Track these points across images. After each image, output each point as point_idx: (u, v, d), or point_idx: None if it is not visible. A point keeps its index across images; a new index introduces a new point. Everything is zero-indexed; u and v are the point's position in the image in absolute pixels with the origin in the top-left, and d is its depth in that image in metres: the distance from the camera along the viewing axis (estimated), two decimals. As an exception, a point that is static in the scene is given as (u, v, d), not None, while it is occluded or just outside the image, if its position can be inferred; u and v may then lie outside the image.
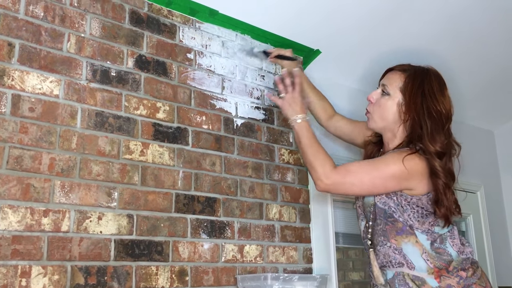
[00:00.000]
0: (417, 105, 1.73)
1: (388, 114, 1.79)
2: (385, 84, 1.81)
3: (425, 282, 1.68)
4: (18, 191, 1.45)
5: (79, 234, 1.53)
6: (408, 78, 1.78)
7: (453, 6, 2.17)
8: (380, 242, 1.75)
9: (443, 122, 1.74)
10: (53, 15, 1.63)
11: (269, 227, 2.00)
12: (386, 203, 1.73)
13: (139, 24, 1.82)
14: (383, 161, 1.72)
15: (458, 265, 1.70)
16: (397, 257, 1.71)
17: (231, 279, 1.83)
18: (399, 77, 1.80)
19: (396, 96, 1.78)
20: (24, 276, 1.40)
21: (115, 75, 1.72)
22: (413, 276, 1.69)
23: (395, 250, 1.72)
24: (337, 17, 2.14)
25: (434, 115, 1.72)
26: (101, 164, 1.62)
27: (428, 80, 1.78)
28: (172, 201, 1.75)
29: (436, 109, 1.73)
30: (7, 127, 1.47)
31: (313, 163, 1.74)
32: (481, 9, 2.20)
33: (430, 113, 1.72)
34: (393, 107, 1.78)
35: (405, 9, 2.15)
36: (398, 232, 1.72)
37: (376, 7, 2.11)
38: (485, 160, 3.23)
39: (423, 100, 1.74)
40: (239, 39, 2.12)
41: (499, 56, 2.56)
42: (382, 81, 1.85)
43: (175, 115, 1.84)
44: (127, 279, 1.59)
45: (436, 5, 2.15)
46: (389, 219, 1.73)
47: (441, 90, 1.78)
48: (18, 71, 1.52)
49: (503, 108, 3.11)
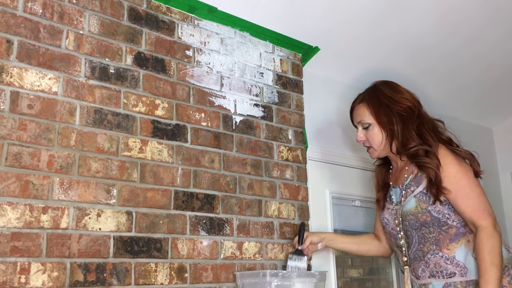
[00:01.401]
0: (388, 116, 1.87)
1: (381, 139, 1.90)
2: (360, 120, 1.95)
3: (477, 284, 1.66)
4: (17, 188, 1.45)
5: (78, 231, 1.53)
6: (368, 103, 1.93)
7: (450, 4, 2.17)
8: (432, 250, 1.77)
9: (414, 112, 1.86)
10: (51, 12, 1.62)
11: (268, 224, 2.00)
12: (440, 211, 1.77)
13: (138, 21, 1.82)
14: (467, 179, 1.77)
15: (508, 264, 1.71)
16: (449, 268, 1.73)
17: (230, 276, 1.83)
18: (363, 107, 1.94)
19: (374, 121, 1.91)
20: (23, 272, 1.40)
21: (114, 72, 1.72)
22: (466, 282, 1.70)
23: (447, 260, 1.74)
24: (336, 14, 2.14)
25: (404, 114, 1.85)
26: (100, 161, 1.62)
27: (379, 91, 1.93)
28: (171, 198, 1.75)
29: (402, 108, 1.87)
30: (6, 124, 1.47)
31: (498, 254, 1.66)
32: (478, 5, 2.20)
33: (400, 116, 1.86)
34: (380, 131, 1.90)
35: (403, 6, 2.15)
36: (452, 239, 1.75)
37: (374, 3, 2.11)
38: (483, 157, 3.20)
39: (388, 109, 1.88)
40: (238, 36, 2.12)
41: (497, 54, 2.56)
42: (355, 121, 1.99)
43: (174, 112, 1.84)
44: (126, 276, 1.59)
45: (433, 3, 2.15)
46: (443, 227, 1.77)
47: (395, 90, 1.92)
48: (17, 68, 1.52)
49: (502, 105, 3.11)
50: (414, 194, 1.80)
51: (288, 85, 2.25)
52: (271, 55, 2.22)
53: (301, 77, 2.32)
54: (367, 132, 1.93)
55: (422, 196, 1.78)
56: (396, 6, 2.15)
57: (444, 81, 2.71)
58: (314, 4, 2.06)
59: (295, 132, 2.22)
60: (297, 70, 2.31)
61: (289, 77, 2.26)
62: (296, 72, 2.30)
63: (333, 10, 2.11)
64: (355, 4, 2.10)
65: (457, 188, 1.73)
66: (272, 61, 2.22)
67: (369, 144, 1.94)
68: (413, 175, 1.83)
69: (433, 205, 1.76)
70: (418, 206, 1.79)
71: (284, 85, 2.23)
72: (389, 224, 1.92)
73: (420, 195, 1.79)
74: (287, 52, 2.28)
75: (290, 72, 2.28)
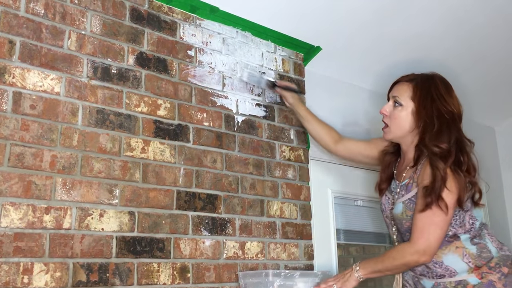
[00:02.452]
0: (428, 110, 1.79)
1: (405, 123, 1.84)
2: (396, 96, 1.87)
3: (467, 283, 1.69)
4: (19, 189, 1.45)
5: (81, 231, 1.53)
6: (416, 86, 1.84)
7: (453, 4, 2.16)
8: None
9: (455, 121, 1.79)
10: (53, 13, 1.63)
11: (270, 224, 2.00)
12: None
13: (140, 21, 1.82)
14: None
15: (500, 261, 1.72)
16: (437, 270, 1.74)
17: (232, 276, 1.83)
18: (408, 87, 1.85)
19: (409, 105, 1.84)
20: (26, 273, 1.41)
21: (116, 72, 1.72)
22: (455, 282, 1.72)
23: (435, 264, 1.74)
24: (338, 13, 2.14)
25: (445, 116, 1.78)
26: (102, 161, 1.62)
27: (435, 84, 1.84)
28: (173, 198, 1.75)
29: (447, 110, 1.79)
30: (9, 125, 1.47)
31: (401, 268, 1.78)
32: (482, 5, 2.19)
33: (440, 114, 1.78)
34: (408, 117, 1.83)
35: (405, 6, 2.15)
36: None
37: (378, 4, 2.11)
38: (486, 157, 3.21)
39: (433, 104, 1.80)
40: (239, 36, 2.12)
41: (500, 53, 2.56)
42: (391, 93, 1.90)
43: (176, 112, 1.84)
44: (129, 276, 1.59)
45: (436, 4, 2.15)
46: None
47: (448, 92, 1.84)
48: (19, 69, 1.52)
49: (504, 104, 3.10)
50: (403, 200, 1.80)
51: (290, 84, 2.25)
52: (273, 54, 2.22)
53: (303, 77, 2.32)
54: (394, 110, 1.86)
55: (410, 204, 1.77)
56: (398, 6, 2.15)
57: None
58: (316, 4, 2.06)
59: (297, 131, 2.21)
60: (299, 69, 2.31)
61: (291, 77, 2.26)
62: (298, 72, 2.30)
63: (335, 9, 2.11)
64: (356, 3, 2.10)
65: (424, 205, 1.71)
66: (274, 61, 2.22)
67: (388, 123, 1.88)
68: (408, 181, 1.81)
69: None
70: (404, 213, 1.78)
71: (286, 84, 2.23)
72: (385, 212, 1.92)
73: (408, 202, 1.78)
74: (289, 51, 2.28)
75: (292, 71, 2.28)
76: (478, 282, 1.69)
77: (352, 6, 2.11)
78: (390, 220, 1.89)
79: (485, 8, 2.22)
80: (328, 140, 2.10)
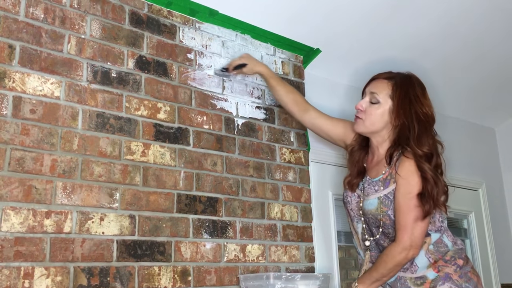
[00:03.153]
0: (406, 110, 1.81)
1: (380, 121, 1.84)
2: (375, 92, 1.86)
3: (426, 278, 1.75)
4: (20, 193, 1.45)
5: (82, 235, 1.53)
6: (395, 85, 1.85)
7: (451, 4, 2.17)
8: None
9: (430, 124, 1.82)
10: (53, 17, 1.63)
11: (271, 227, 2.00)
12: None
13: (139, 25, 1.82)
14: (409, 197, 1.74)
15: (455, 254, 1.78)
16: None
17: (233, 279, 1.83)
18: (387, 85, 1.85)
19: (387, 103, 1.84)
20: (27, 277, 1.41)
21: (116, 76, 1.73)
22: (415, 278, 1.76)
23: None
24: (337, 15, 2.14)
25: (422, 118, 1.80)
26: (102, 165, 1.62)
27: (413, 86, 1.85)
28: (174, 201, 1.75)
29: (423, 112, 1.81)
30: (9, 129, 1.47)
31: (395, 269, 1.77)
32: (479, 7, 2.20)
33: (418, 117, 1.80)
34: (384, 114, 1.84)
35: (404, 8, 2.15)
36: None
37: (376, 5, 2.11)
38: (486, 157, 3.23)
39: (411, 105, 1.81)
40: (239, 39, 2.12)
41: (499, 54, 2.56)
42: (369, 89, 1.89)
43: (176, 116, 1.84)
44: (130, 280, 1.59)
45: (434, 4, 2.15)
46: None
47: (424, 94, 1.86)
48: (19, 73, 1.53)
49: (504, 105, 3.10)
50: (378, 195, 1.80)
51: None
52: (272, 57, 2.22)
53: (303, 79, 2.32)
54: (370, 106, 1.86)
55: (385, 200, 1.77)
56: (397, 8, 2.15)
57: (447, 82, 2.71)
58: (315, 7, 2.07)
59: (297, 134, 2.21)
60: (299, 72, 2.31)
61: (290, 79, 2.26)
62: (297, 74, 2.30)
63: (334, 12, 2.11)
64: (356, 6, 2.10)
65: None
66: (273, 63, 2.22)
67: (363, 117, 1.87)
68: (384, 176, 1.80)
69: (393, 209, 1.76)
70: (379, 208, 1.79)
71: (285, 87, 2.23)
72: (350, 204, 1.91)
73: (384, 198, 1.78)
74: (288, 54, 2.28)
75: (291, 74, 2.28)
76: (435, 276, 1.73)
77: (351, 8, 2.11)
78: (356, 214, 1.89)
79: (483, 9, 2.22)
80: (295, 109, 2.05)
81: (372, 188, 1.83)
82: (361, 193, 1.87)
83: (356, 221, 1.90)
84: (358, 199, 1.88)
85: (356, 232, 1.91)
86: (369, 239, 1.85)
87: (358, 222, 1.89)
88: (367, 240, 1.86)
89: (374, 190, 1.82)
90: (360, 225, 1.88)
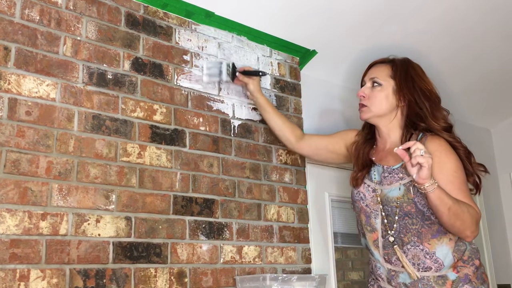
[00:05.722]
0: (410, 88, 1.80)
1: (386, 103, 1.83)
2: (374, 77, 1.86)
3: (447, 278, 1.70)
4: (15, 195, 1.45)
5: (77, 237, 1.53)
6: (394, 66, 1.86)
7: (448, 5, 2.17)
8: (413, 242, 1.74)
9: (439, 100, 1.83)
10: (49, 19, 1.63)
11: (267, 228, 2.00)
12: (425, 204, 1.70)
13: (135, 26, 1.82)
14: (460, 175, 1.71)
15: (472, 255, 1.73)
16: (427, 262, 1.72)
17: (230, 280, 1.83)
18: (386, 67, 1.87)
19: (389, 84, 1.84)
20: (22, 279, 1.40)
21: (112, 78, 1.73)
22: (437, 277, 1.70)
23: (427, 254, 1.72)
24: (333, 17, 2.14)
25: (428, 95, 1.80)
26: (98, 167, 1.62)
27: (412, 66, 1.87)
28: (170, 203, 1.75)
29: (428, 88, 1.81)
30: (4, 131, 1.47)
31: (468, 220, 1.63)
32: (476, 7, 2.20)
33: (424, 93, 1.80)
34: (389, 96, 1.83)
35: (401, 9, 2.16)
36: (433, 235, 1.73)
37: (373, 5, 2.12)
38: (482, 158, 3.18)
39: (414, 83, 1.81)
40: (235, 41, 2.12)
41: (495, 54, 2.57)
42: (368, 75, 1.90)
43: (172, 117, 1.84)
44: (126, 282, 1.59)
45: (431, 5, 2.16)
46: (426, 221, 1.72)
47: (424, 73, 1.87)
48: (15, 75, 1.52)
49: (500, 106, 3.11)
50: (404, 182, 1.74)
51: (286, 88, 2.26)
52: (268, 59, 2.22)
53: (299, 81, 2.32)
54: (372, 91, 1.84)
55: (411, 187, 1.72)
56: (394, 10, 2.16)
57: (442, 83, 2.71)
58: (311, 8, 2.07)
59: (293, 135, 2.22)
60: (295, 73, 2.32)
61: (287, 81, 2.27)
62: (294, 76, 2.31)
63: (330, 13, 2.12)
64: (352, 7, 2.11)
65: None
66: (269, 65, 2.22)
67: (367, 104, 1.85)
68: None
69: (420, 197, 1.70)
70: (405, 196, 1.72)
71: (282, 88, 2.24)
72: (365, 200, 1.84)
73: (409, 184, 1.72)
74: (284, 55, 2.29)
75: (288, 75, 2.28)
76: (456, 277, 1.70)
77: (347, 9, 2.11)
78: (373, 209, 1.81)
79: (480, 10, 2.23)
80: (290, 136, 2.01)
81: (396, 176, 1.76)
82: (376, 186, 1.81)
83: (374, 216, 1.81)
84: (374, 193, 1.82)
85: (374, 230, 1.82)
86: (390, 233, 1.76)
87: (376, 217, 1.81)
88: (390, 236, 1.76)
89: (398, 178, 1.76)
90: (379, 220, 1.80)
